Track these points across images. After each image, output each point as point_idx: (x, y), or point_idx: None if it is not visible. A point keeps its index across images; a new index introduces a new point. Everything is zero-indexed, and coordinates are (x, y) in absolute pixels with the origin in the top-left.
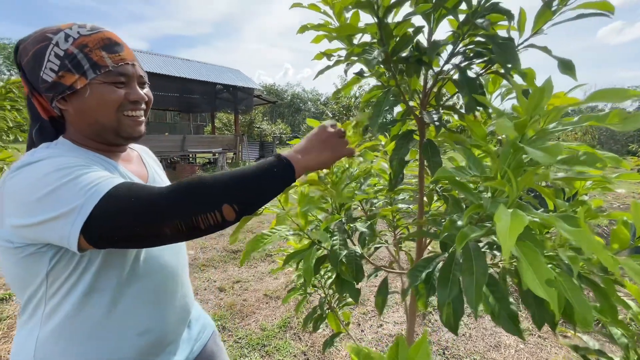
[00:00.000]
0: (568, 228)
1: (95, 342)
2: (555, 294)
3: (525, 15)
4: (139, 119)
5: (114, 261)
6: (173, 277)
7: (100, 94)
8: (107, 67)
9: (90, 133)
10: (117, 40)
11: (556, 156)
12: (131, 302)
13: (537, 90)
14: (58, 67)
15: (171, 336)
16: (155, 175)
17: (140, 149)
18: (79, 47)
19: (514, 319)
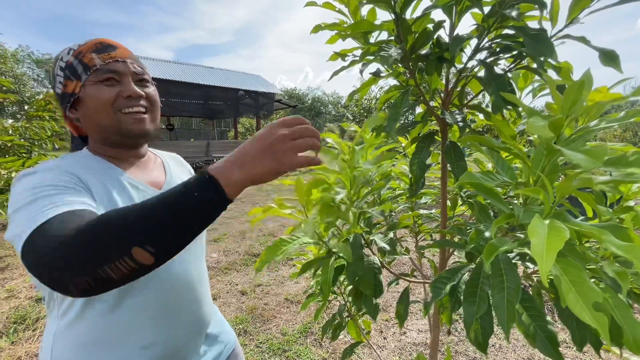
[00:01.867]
0: (617, 242)
1: (100, 350)
2: (606, 320)
3: (559, 4)
4: (138, 115)
5: None
6: (183, 289)
7: (93, 94)
8: (95, 66)
9: (99, 138)
10: (109, 43)
11: (601, 159)
12: (133, 313)
13: (575, 85)
14: (62, 78)
15: (182, 352)
16: (175, 183)
17: (168, 156)
18: (75, 55)
19: (553, 341)
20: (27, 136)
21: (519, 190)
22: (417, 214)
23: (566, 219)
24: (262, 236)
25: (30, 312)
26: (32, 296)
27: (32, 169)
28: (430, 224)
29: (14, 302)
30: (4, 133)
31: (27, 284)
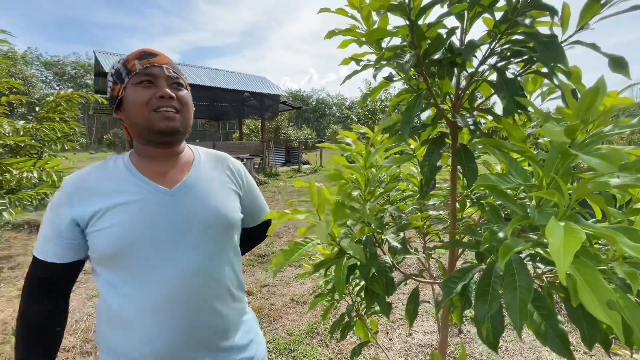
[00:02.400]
0: (632, 244)
1: (112, 331)
2: (619, 318)
3: (570, 10)
4: (168, 114)
5: (100, 267)
6: (182, 297)
7: (132, 95)
8: (135, 71)
9: (136, 136)
10: (151, 51)
11: (617, 164)
12: (131, 308)
13: (590, 91)
14: (112, 83)
15: (177, 355)
16: (194, 184)
17: (208, 154)
18: (123, 63)
19: (564, 339)
20: (37, 137)
21: (535, 193)
22: (426, 215)
23: (579, 220)
24: (268, 237)
25: None
26: None
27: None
28: (437, 225)
29: None
30: (16, 134)
31: None
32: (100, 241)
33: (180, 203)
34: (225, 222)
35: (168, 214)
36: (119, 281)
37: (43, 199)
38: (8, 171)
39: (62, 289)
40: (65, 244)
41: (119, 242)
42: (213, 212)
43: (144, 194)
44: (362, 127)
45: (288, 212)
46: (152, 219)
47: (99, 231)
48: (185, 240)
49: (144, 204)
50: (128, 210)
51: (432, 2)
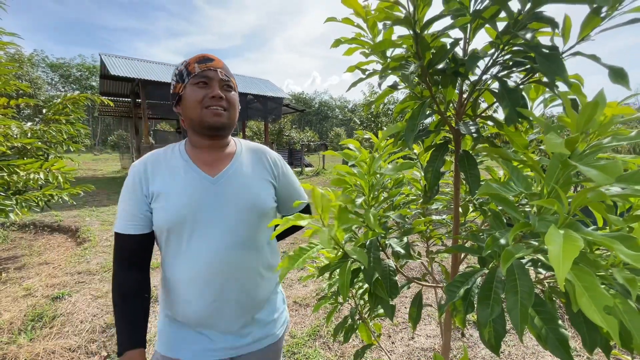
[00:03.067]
0: (628, 252)
1: (166, 292)
2: (616, 323)
3: (571, 22)
4: (217, 111)
5: (161, 242)
6: (217, 271)
7: (189, 94)
8: (194, 73)
9: (190, 129)
10: (209, 56)
11: (615, 176)
12: (175, 277)
13: (590, 104)
14: (174, 82)
15: (217, 320)
16: (234, 173)
17: (249, 147)
18: (185, 65)
19: (564, 343)
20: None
21: (535, 201)
22: (429, 219)
23: (578, 228)
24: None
25: (47, 310)
26: (49, 295)
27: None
28: (440, 230)
29: (31, 300)
30: (23, 136)
31: (44, 283)
32: (158, 216)
33: (220, 190)
34: (258, 209)
35: (209, 199)
36: (171, 252)
37: (49, 200)
38: (15, 172)
39: (145, 259)
40: (142, 216)
41: (170, 219)
42: (247, 200)
43: (192, 180)
44: (367, 133)
45: (291, 218)
46: (196, 201)
47: (157, 209)
48: (221, 223)
49: (191, 189)
50: (178, 194)
51: (437, 16)
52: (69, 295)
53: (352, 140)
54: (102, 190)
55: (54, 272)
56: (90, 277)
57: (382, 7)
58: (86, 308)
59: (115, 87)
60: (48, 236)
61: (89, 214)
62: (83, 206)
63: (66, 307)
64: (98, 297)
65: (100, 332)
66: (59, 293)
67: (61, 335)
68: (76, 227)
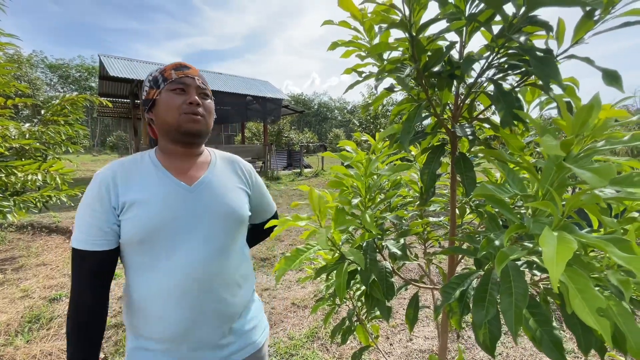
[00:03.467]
0: (620, 254)
1: (133, 312)
2: (608, 325)
3: (565, 25)
4: (195, 117)
5: (127, 253)
6: (193, 282)
7: (166, 99)
8: (171, 79)
9: (164, 135)
10: (185, 64)
11: (608, 178)
12: (148, 290)
13: (585, 107)
14: (148, 87)
15: (193, 334)
16: (210, 182)
17: (222, 156)
18: (160, 72)
19: (558, 345)
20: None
21: (530, 203)
22: (426, 221)
23: (573, 230)
24: (269, 240)
25: (44, 311)
26: (46, 296)
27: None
28: (438, 231)
29: (28, 302)
30: (22, 137)
31: (41, 284)
32: (129, 228)
33: (198, 199)
34: (236, 217)
35: (187, 208)
36: (141, 266)
37: (47, 201)
38: (13, 174)
39: (109, 278)
40: (109, 229)
41: (144, 229)
42: (226, 208)
43: (168, 189)
44: (364, 135)
45: (289, 219)
46: (173, 210)
47: (128, 219)
48: (199, 233)
49: (167, 197)
50: (153, 203)
51: (432, 20)
52: (66, 297)
53: (349, 142)
54: None
55: (51, 274)
56: None
57: (379, 10)
58: None
59: (114, 88)
60: (46, 237)
61: None
62: None
63: (63, 308)
64: None
65: None
66: (57, 294)
67: (58, 336)
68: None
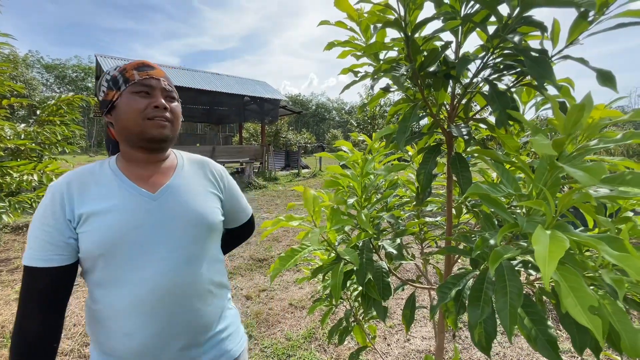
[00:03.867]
0: (612, 252)
1: (98, 325)
2: (600, 323)
3: (559, 26)
4: (161, 122)
5: (88, 267)
6: (163, 294)
7: (128, 102)
8: (134, 80)
9: (125, 140)
10: (149, 64)
11: (599, 177)
12: (115, 303)
13: (576, 107)
14: (106, 88)
15: (154, 350)
16: (176, 188)
17: (191, 159)
18: (120, 71)
19: (553, 344)
20: (38, 140)
21: (523, 203)
22: (423, 221)
23: (566, 229)
24: (267, 241)
25: None
26: None
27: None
28: (435, 232)
29: None
30: (17, 137)
31: None
32: (88, 241)
33: (163, 206)
34: (206, 224)
35: (150, 217)
36: (104, 280)
37: None
38: (8, 174)
39: (63, 299)
40: (63, 244)
41: (105, 243)
42: (194, 214)
43: (129, 198)
44: (361, 135)
45: (282, 219)
46: (135, 220)
47: (86, 232)
48: (166, 242)
49: (128, 207)
50: (113, 213)
51: (427, 19)
52: None
53: (346, 142)
54: None
55: None
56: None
57: (375, 10)
58: (79, 311)
59: None
60: None
61: None
62: None
63: None
64: None
65: None
66: None
67: None
68: None
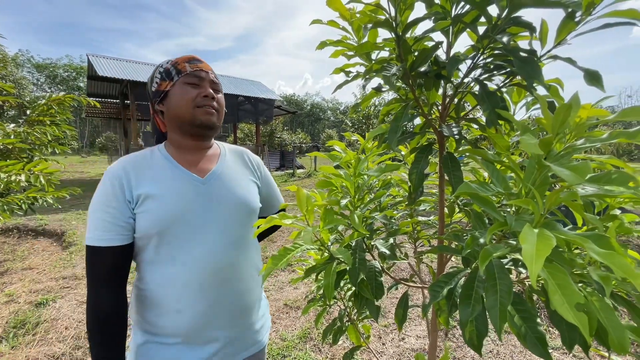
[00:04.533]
0: (598, 250)
1: (146, 306)
2: (586, 319)
3: (547, 27)
4: (209, 110)
5: (142, 247)
6: (212, 277)
7: (180, 92)
8: (186, 71)
9: (176, 128)
10: (198, 58)
11: (585, 176)
12: (165, 284)
13: (564, 106)
14: (159, 79)
15: (200, 328)
16: (221, 174)
17: (231, 149)
18: (172, 64)
19: (542, 341)
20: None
21: (511, 201)
22: (416, 220)
23: (555, 227)
24: (261, 242)
25: (30, 316)
26: (32, 300)
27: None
28: (429, 231)
29: (14, 307)
30: (6, 137)
31: (27, 289)
32: (145, 221)
33: (211, 190)
34: (249, 208)
35: (201, 199)
36: (157, 259)
37: (33, 203)
38: None
39: (125, 274)
40: (125, 224)
41: (160, 222)
42: (239, 199)
43: (181, 181)
44: (354, 135)
45: (275, 217)
46: (187, 203)
47: (144, 212)
48: (215, 224)
49: (180, 190)
50: (168, 195)
51: (417, 19)
52: (53, 301)
53: (338, 142)
54: (90, 193)
55: (38, 278)
56: (76, 282)
57: (367, 10)
58: (71, 314)
59: (103, 88)
60: (32, 240)
61: (76, 217)
62: (69, 209)
63: (50, 313)
64: (84, 303)
65: (86, 338)
66: (43, 299)
67: (45, 342)
68: (62, 231)
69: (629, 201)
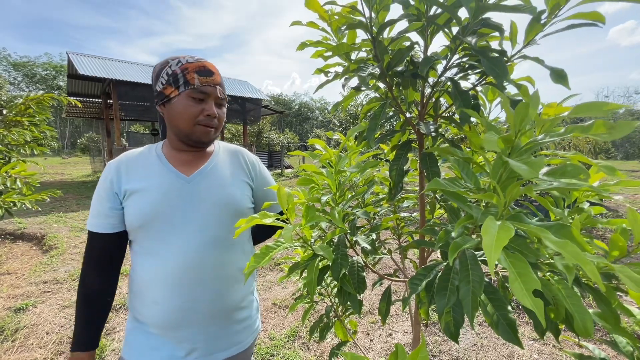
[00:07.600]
0: (552, 239)
1: (134, 295)
2: (542, 304)
3: (517, 28)
4: (209, 129)
5: (132, 238)
6: (191, 272)
7: (184, 105)
8: (194, 85)
9: (173, 134)
10: (210, 69)
11: (538, 170)
12: (146, 275)
13: (523, 104)
14: (165, 82)
15: (176, 323)
16: (209, 172)
17: (226, 148)
18: (182, 69)
19: (512, 327)
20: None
21: (477, 195)
22: (398, 216)
23: (521, 219)
24: None
25: (8, 322)
26: (11, 306)
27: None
28: (412, 227)
29: None
30: None
31: (5, 294)
32: (129, 215)
33: (195, 188)
34: (234, 208)
35: (183, 197)
36: (141, 250)
37: (10, 207)
38: None
39: (115, 260)
40: (111, 215)
41: (142, 216)
42: (222, 198)
43: (166, 179)
44: (336, 133)
45: (256, 216)
46: (169, 200)
47: (129, 206)
48: (195, 222)
49: (164, 187)
50: (151, 191)
51: (392, 20)
52: (33, 306)
53: (318, 140)
54: (72, 195)
55: (16, 282)
56: (57, 286)
57: (343, 12)
58: (52, 319)
59: (84, 87)
60: (10, 245)
61: (57, 220)
62: (50, 212)
63: (30, 318)
64: (66, 307)
65: (68, 343)
66: (22, 304)
67: (24, 348)
68: (42, 234)
69: (595, 195)
